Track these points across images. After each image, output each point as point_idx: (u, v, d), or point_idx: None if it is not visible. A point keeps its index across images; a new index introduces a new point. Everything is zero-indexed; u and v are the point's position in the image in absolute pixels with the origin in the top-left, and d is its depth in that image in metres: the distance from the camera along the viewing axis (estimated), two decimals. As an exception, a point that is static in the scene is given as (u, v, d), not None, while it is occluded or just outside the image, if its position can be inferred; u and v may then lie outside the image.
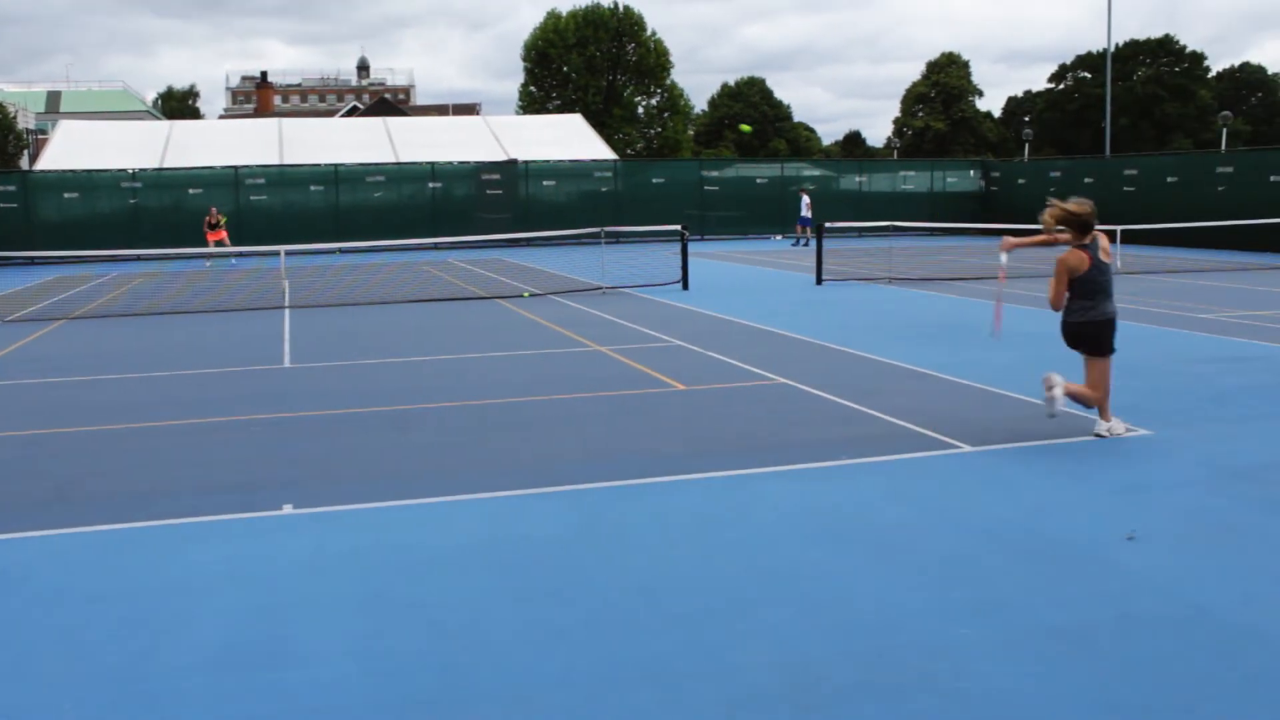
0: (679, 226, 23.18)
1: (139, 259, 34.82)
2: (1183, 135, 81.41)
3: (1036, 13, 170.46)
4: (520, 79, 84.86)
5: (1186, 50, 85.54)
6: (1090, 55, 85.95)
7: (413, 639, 5.14)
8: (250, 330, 16.81)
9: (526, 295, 20.95)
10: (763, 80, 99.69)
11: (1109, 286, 8.71)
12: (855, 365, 12.39)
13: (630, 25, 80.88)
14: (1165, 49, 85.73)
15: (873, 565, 6.00)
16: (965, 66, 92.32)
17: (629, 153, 77.12)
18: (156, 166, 40.22)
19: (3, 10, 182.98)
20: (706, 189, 42.74)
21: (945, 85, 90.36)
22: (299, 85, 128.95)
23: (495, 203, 40.10)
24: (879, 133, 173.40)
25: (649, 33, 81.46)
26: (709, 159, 61.63)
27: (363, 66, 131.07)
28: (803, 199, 38.45)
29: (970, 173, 46.44)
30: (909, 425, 9.26)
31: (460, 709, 4.46)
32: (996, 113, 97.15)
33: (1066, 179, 39.65)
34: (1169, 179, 33.84)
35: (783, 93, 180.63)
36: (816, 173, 46.12)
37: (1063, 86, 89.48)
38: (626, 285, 21.93)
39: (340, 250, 35.06)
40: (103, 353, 14.81)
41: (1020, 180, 43.15)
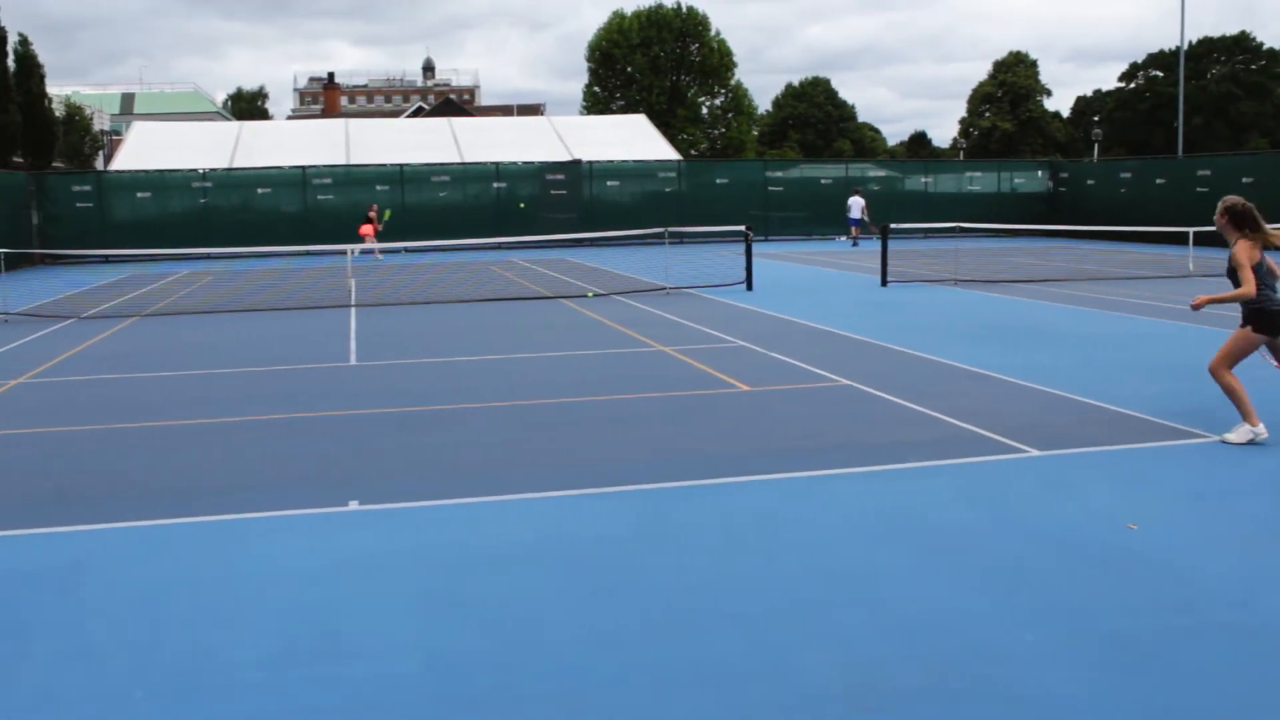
0: (743, 227, 23.13)
1: (208, 257, 35.36)
2: (1259, 134, 79.76)
3: (1106, 10, 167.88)
4: (584, 79, 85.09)
5: (1264, 48, 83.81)
6: (1162, 53, 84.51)
7: (471, 637, 5.17)
8: (316, 328, 17.01)
9: (590, 295, 21.00)
10: (827, 80, 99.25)
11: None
12: (919, 367, 12.28)
13: (694, 25, 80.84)
14: (1241, 46, 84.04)
15: (936, 568, 5.94)
16: (1033, 66, 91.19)
17: (693, 153, 77.08)
18: (226, 167, 40.81)
19: (78, 15, 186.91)
20: (770, 190, 42.58)
21: (1012, 85, 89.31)
22: (365, 86, 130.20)
23: (559, 203, 40.24)
24: (945, 133, 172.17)
25: (712, 33, 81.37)
26: (773, 159, 61.42)
27: (428, 68, 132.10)
28: (854, 200, 38.37)
29: (1038, 173, 45.83)
30: (974, 428, 9.16)
31: (516, 709, 4.48)
32: (1065, 112, 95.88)
33: (1137, 180, 39.05)
34: (1244, 179, 33.10)
35: (847, 93, 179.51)
36: (881, 173, 45.78)
37: (1134, 85, 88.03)
38: (690, 286, 21.92)
39: (405, 250, 35.36)
40: (172, 349, 15.05)
41: (1089, 181, 42.52)
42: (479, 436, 9.34)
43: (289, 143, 45.84)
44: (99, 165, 71.00)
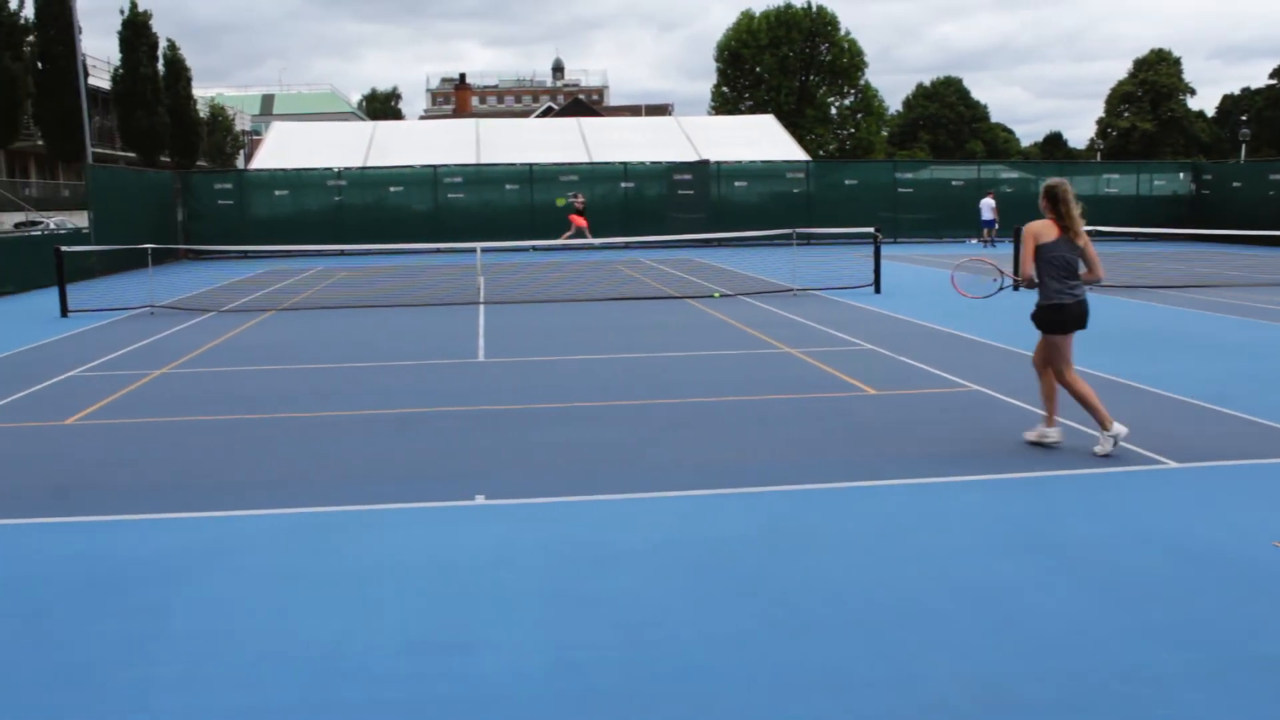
0: (872, 229, 22.88)
1: (342, 254, 36.20)
2: None
3: (1255, 6, 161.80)
4: (713, 79, 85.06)
5: None
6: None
7: (596, 634, 5.20)
8: (446, 325, 17.30)
9: (716, 295, 20.98)
10: (959, 80, 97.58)
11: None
12: (1052, 374, 11.97)
13: (823, 25, 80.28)
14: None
15: (1067, 582, 5.79)
16: (1176, 64, 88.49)
17: (821, 154, 76.54)
18: (360, 166, 41.75)
19: (221, 20, 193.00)
20: (900, 191, 42.04)
21: (1154, 84, 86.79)
22: (495, 86, 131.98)
23: (687, 203, 40.29)
24: (1081, 134, 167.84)
25: (842, 32, 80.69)
26: (903, 160, 60.55)
27: (557, 68, 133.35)
28: (986, 202, 37.81)
29: (1180, 175, 44.39)
30: (1109, 438, 8.90)
31: (641, 707, 4.49)
32: (1209, 112, 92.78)
33: (1287, 182, 37.62)
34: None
35: (980, 92, 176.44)
36: (1014, 175, 44.82)
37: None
38: (817, 287, 21.75)
39: (534, 248, 35.76)
40: (307, 343, 15.46)
41: (1235, 183, 41.06)
42: (604, 434, 9.39)
43: (421, 142, 46.72)
44: (239, 164, 73.35)
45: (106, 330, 17.42)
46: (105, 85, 61.05)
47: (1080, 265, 8.54)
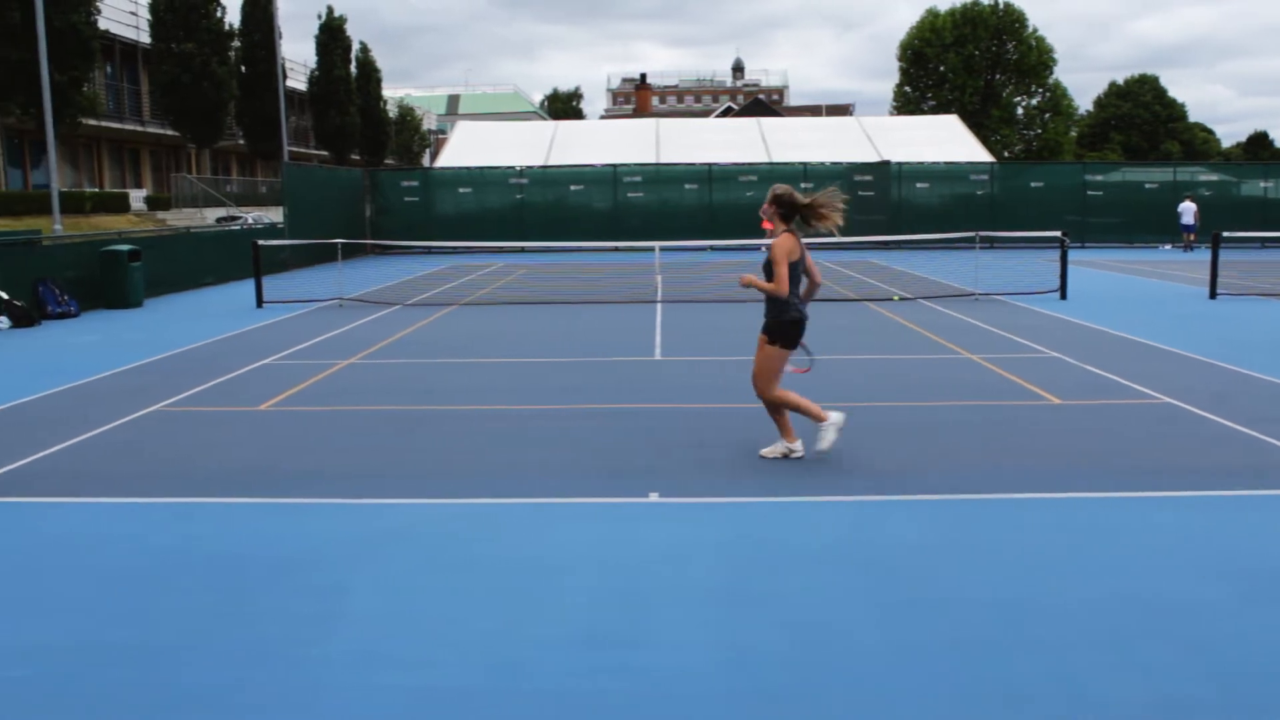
0: (1058, 233, 22.18)
1: (523, 251, 36.86)
2: None
3: None
4: (894, 79, 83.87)
5: None
6: None
7: (769, 636, 5.16)
8: (624, 323, 17.45)
9: (896, 299, 20.65)
10: (1155, 78, 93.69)
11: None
12: (1252, 388, 11.40)
13: (1011, 22, 78.27)
14: None
15: (1262, 609, 5.48)
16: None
17: (1006, 155, 74.63)
18: (541, 164, 42.48)
19: (410, 22, 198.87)
20: (1089, 194, 40.64)
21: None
22: (676, 86, 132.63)
23: (866, 204, 39.79)
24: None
25: (1030, 30, 78.50)
26: (1092, 162, 58.53)
27: (737, 68, 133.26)
28: (1186, 205, 36.37)
29: (1403, 176, 41.75)
30: (1314, 455, 8.43)
31: (812, 711, 4.44)
32: None
33: None
34: None
35: (1177, 91, 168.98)
36: (1214, 177, 42.85)
37: None
38: (1000, 292, 21.19)
39: (712, 248, 35.80)
40: (487, 337, 15.78)
41: None
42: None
43: (601, 141, 47.30)
44: (425, 162, 75.47)
45: (298, 321, 18.12)
46: (301, 87, 63.65)
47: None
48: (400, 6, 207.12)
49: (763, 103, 77.02)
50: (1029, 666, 4.82)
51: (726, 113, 73.40)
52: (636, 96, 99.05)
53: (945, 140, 46.68)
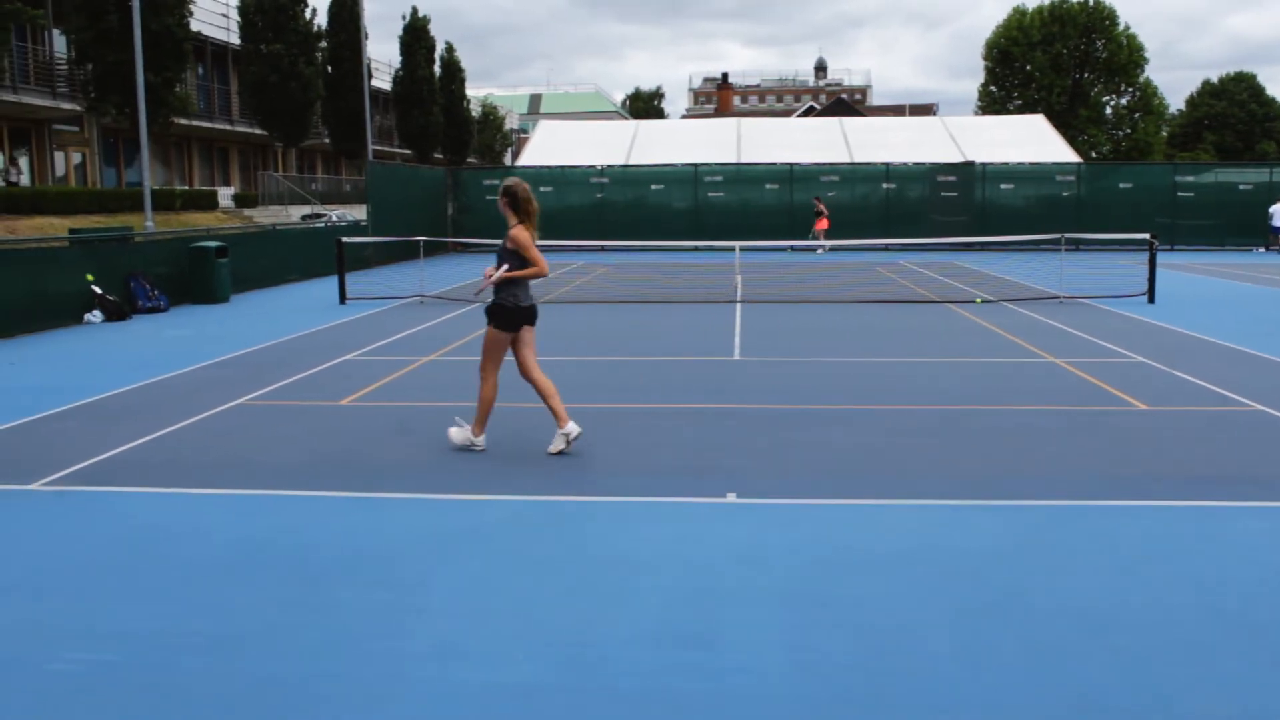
0: (1147, 235, 21.74)
1: (604, 250, 36.95)
2: None
3: None
4: (979, 78, 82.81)
5: None
6: None
7: (842, 639, 5.12)
8: (704, 322, 17.43)
9: (979, 301, 20.40)
10: (1252, 75, 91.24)
11: None
12: (1347, 394, 11.09)
13: (1100, 20, 76.90)
14: None
15: (1359, 620, 5.33)
16: None
17: (1094, 155, 73.38)
18: (622, 163, 42.58)
19: (493, 22, 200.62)
20: (1180, 195, 39.75)
21: None
22: (757, 86, 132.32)
23: (950, 205, 39.34)
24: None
25: (1120, 27, 77.05)
26: (1184, 162, 57.26)
27: (820, 67, 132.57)
28: (1277, 207, 35.63)
29: None
30: None
31: (884, 716, 4.40)
32: None
33: None
34: None
35: (1276, 89, 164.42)
36: (1311, 179, 41.74)
37: None
38: (1086, 295, 20.81)
39: (792, 248, 35.64)
40: (564, 336, 15.84)
41: None
42: (858, 438, 9.26)
43: (682, 141, 47.30)
44: (507, 161, 76.02)
45: (379, 317, 18.36)
46: (386, 86, 64.48)
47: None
48: (483, 6, 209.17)
49: (845, 102, 76.53)
50: (1107, 676, 4.73)
51: (808, 112, 73.05)
52: (718, 96, 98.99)
53: (1031, 140, 45.98)
